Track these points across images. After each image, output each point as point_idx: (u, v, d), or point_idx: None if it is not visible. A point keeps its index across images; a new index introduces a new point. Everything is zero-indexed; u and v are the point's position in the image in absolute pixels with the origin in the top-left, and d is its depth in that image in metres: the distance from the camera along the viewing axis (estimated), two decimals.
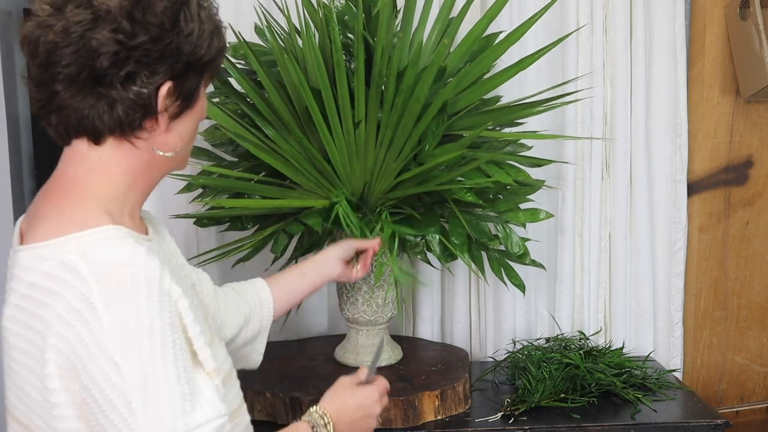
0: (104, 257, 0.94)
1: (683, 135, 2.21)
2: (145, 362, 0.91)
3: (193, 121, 1.09)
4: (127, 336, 0.91)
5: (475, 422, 1.76)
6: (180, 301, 0.98)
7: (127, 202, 1.05)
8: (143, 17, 0.97)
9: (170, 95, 1.02)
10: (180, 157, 1.10)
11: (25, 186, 2.45)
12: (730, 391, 2.32)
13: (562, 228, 2.16)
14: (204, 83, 1.08)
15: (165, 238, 1.21)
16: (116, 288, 0.92)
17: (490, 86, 1.77)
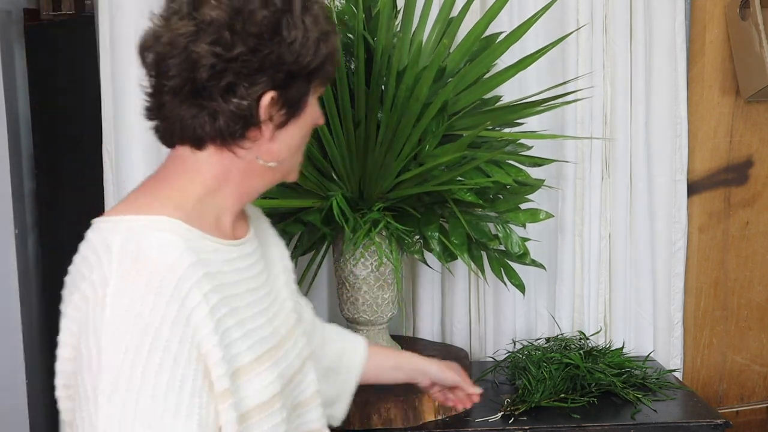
0: (138, 245, 0.93)
1: (683, 135, 2.21)
2: (127, 358, 0.88)
3: (301, 130, 1.06)
4: (121, 328, 0.89)
5: (475, 422, 1.76)
6: (200, 317, 0.93)
7: (214, 204, 1.03)
8: (243, 28, 0.96)
9: (273, 105, 1.00)
10: (286, 167, 1.08)
11: (25, 186, 2.45)
12: (730, 391, 2.32)
13: (562, 228, 2.16)
14: (313, 91, 1.05)
15: (270, 250, 1.19)
16: (133, 279, 0.91)
17: (490, 86, 1.77)
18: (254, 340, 1.02)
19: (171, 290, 0.91)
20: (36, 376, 2.46)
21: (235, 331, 0.99)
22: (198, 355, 0.92)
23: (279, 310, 1.14)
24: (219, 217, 1.05)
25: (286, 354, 1.10)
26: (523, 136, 1.84)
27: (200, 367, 0.92)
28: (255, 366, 1.01)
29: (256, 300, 1.07)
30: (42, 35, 2.42)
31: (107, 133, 2.11)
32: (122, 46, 2.08)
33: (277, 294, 1.16)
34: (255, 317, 1.05)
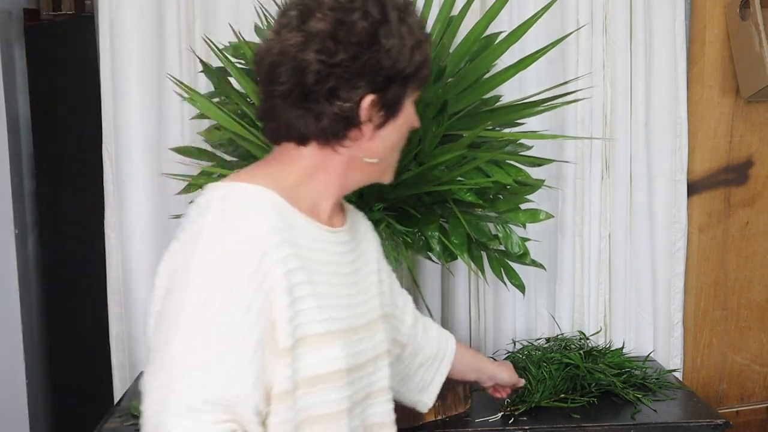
0: (232, 203, 1.05)
1: (683, 135, 2.21)
2: (208, 298, 0.98)
3: (398, 130, 1.16)
4: (206, 269, 1.00)
5: (475, 422, 1.76)
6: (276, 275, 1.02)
7: (312, 190, 1.14)
8: (345, 37, 1.07)
9: (373, 107, 1.10)
10: (384, 165, 1.18)
11: (25, 186, 2.45)
12: (730, 391, 2.32)
13: (562, 228, 2.16)
14: (409, 94, 1.14)
15: (367, 248, 1.28)
16: (223, 230, 1.02)
17: (490, 86, 1.76)
18: (328, 316, 1.10)
19: (253, 245, 1.02)
20: (36, 376, 2.46)
21: (310, 301, 1.07)
22: (269, 310, 1.02)
23: (364, 301, 1.22)
24: (316, 203, 1.15)
25: (360, 340, 1.17)
26: (523, 136, 1.84)
27: (269, 322, 1.01)
28: (324, 339, 1.08)
29: (341, 283, 1.16)
30: (42, 35, 2.42)
31: (107, 133, 2.11)
32: (122, 46, 2.09)
33: (366, 287, 1.24)
34: (335, 297, 1.13)
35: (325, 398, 1.08)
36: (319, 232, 1.14)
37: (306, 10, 1.09)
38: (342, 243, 1.19)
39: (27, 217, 2.46)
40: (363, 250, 1.27)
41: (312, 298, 1.08)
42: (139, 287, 2.15)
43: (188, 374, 0.96)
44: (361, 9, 1.08)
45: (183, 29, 2.07)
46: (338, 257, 1.18)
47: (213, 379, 0.96)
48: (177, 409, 0.94)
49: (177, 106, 2.06)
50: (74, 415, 2.49)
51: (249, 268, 1.01)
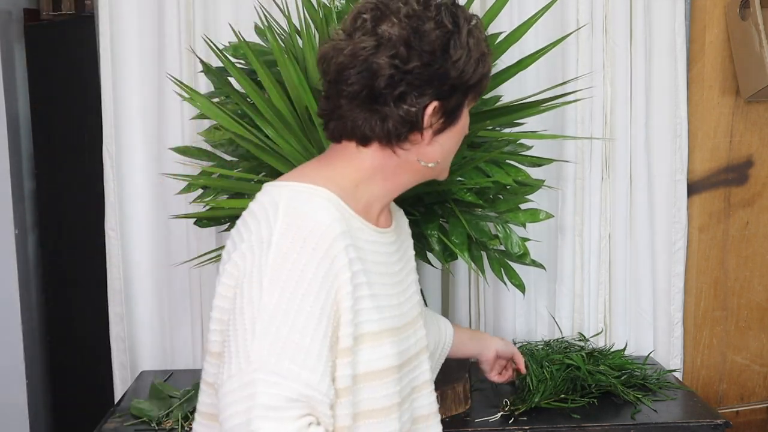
0: (302, 206, 1.08)
1: (683, 135, 2.21)
2: (283, 298, 1.02)
3: (454, 137, 1.20)
4: (281, 272, 1.03)
5: (475, 422, 1.76)
6: (344, 278, 1.07)
7: (367, 191, 1.18)
8: (419, 44, 1.11)
9: (435, 113, 1.14)
10: (440, 168, 1.22)
11: (25, 186, 2.45)
12: (730, 391, 2.32)
13: (562, 228, 2.16)
14: (468, 103, 1.19)
15: (407, 246, 1.35)
16: (294, 233, 1.05)
17: (490, 86, 1.76)
18: (382, 315, 1.15)
19: (326, 248, 1.06)
20: (36, 376, 2.46)
21: (368, 301, 1.12)
22: (336, 311, 1.06)
23: (407, 299, 1.27)
24: (370, 204, 1.19)
25: (407, 337, 1.23)
26: (523, 136, 1.84)
27: (336, 321, 1.06)
28: (378, 337, 1.13)
29: (390, 283, 1.21)
30: (42, 35, 2.42)
31: (107, 133, 2.11)
32: (122, 46, 2.09)
33: (408, 285, 1.30)
34: (387, 297, 1.18)
35: (378, 393, 1.12)
36: (371, 232, 1.19)
37: (381, 15, 1.12)
38: (390, 243, 1.24)
39: (27, 217, 2.46)
40: (405, 249, 1.34)
41: (370, 298, 1.12)
42: (139, 287, 2.15)
43: (270, 375, 0.99)
44: (435, 18, 1.11)
45: (183, 29, 2.07)
46: (387, 257, 1.23)
47: (294, 378, 0.99)
48: (261, 411, 0.97)
49: (177, 106, 2.06)
50: (74, 415, 2.49)
51: (321, 271, 1.05)
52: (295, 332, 1.01)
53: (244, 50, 1.69)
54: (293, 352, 1.01)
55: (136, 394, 1.95)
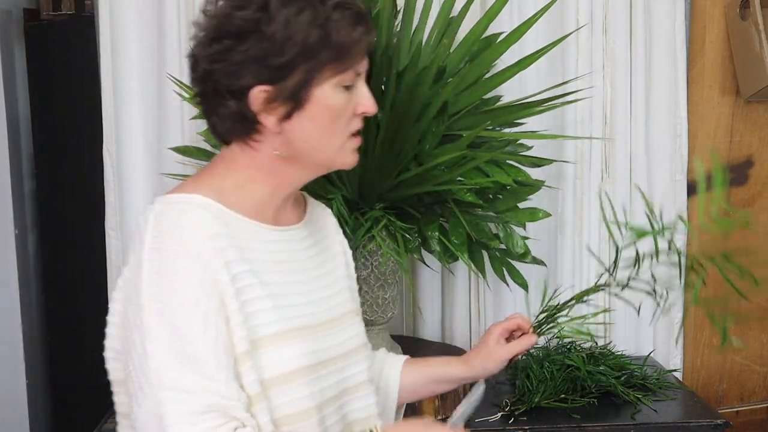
0: (170, 216, 1.04)
1: (683, 135, 2.21)
2: (165, 312, 0.98)
3: (311, 120, 1.08)
4: (156, 287, 0.99)
5: (475, 422, 1.76)
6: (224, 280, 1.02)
7: (252, 190, 1.12)
8: (222, 33, 1.05)
9: (270, 99, 1.05)
10: (315, 157, 1.12)
11: (25, 186, 2.45)
12: (730, 391, 2.32)
13: (562, 228, 2.16)
14: (321, 80, 1.06)
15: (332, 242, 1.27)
16: (164, 244, 1.01)
17: (490, 86, 1.77)
18: (283, 315, 1.08)
19: (196, 252, 1.01)
20: (36, 376, 2.45)
21: (263, 302, 1.07)
22: (224, 315, 1.02)
23: (330, 295, 1.20)
24: (262, 203, 1.13)
25: (326, 336, 1.15)
26: (523, 136, 1.84)
27: (224, 326, 1.01)
28: (280, 338, 1.07)
29: (298, 280, 1.15)
30: (42, 35, 2.41)
31: (107, 133, 2.11)
32: (122, 46, 2.09)
33: (333, 281, 1.23)
34: (292, 295, 1.12)
35: (290, 397, 1.07)
36: (267, 232, 1.13)
37: (204, 12, 1.09)
38: (297, 240, 1.18)
39: (27, 217, 2.46)
40: (328, 244, 1.26)
41: (265, 299, 1.07)
42: None
43: (173, 392, 0.96)
44: (239, 2, 1.04)
45: (183, 29, 2.07)
46: (292, 254, 1.16)
47: (199, 390, 0.97)
48: (175, 429, 0.95)
49: (177, 106, 2.06)
50: (74, 415, 2.49)
51: (195, 277, 1.00)
52: (185, 344, 0.98)
53: None
54: (190, 364, 0.97)
55: None
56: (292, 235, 1.18)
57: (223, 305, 1.02)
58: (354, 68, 1.08)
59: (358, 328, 1.24)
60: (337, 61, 1.05)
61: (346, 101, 1.09)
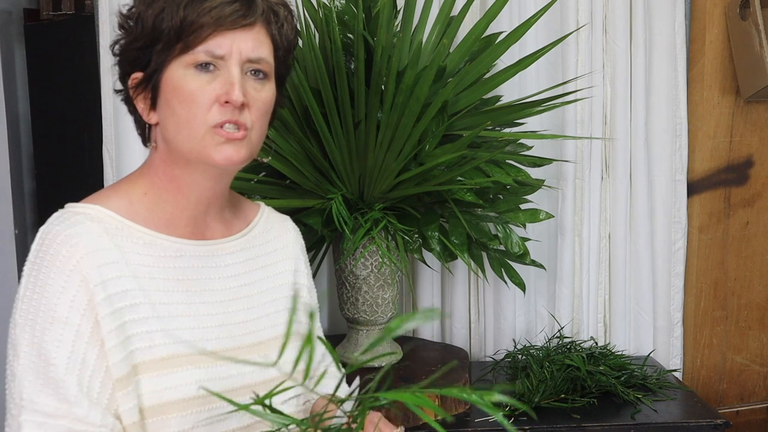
0: (53, 230, 0.99)
1: (683, 135, 2.21)
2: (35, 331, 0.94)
3: (167, 105, 1.02)
4: (29, 304, 0.96)
5: (474, 422, 1.76)
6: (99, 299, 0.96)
7: (159, 199, 1.07)
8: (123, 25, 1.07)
9: (139, 85, 1.05)
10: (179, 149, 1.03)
11: (25, 186, 2.45)
12: (730, 391, 2.32)
13: (561, 228, 2.16)
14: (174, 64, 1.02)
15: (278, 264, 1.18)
16: (41, 260, 0.97)
17: (490, 86, 1.77)
18: (173, 339, 1.01)
19: (70, 269, 0.96)
20: None
21: (149, 324, 1.00)
22: (99, 336, 0.96)
23: (255, 318, 1.12)
24: (169, 214, 1.07)
25: (231, 365, 1.05)
26: (523, 136, 1.84)
27: (99, 347, 0.96)
28: (165, 364, 0.99)
29: (203, 300, 1.06)
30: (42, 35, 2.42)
31: (107, 133, 2.11)
32: None
33: (264, 302, 1.14)
34: (189, 317, 1.04)
35: (170, 429, 0.99)
36: (172, 246, 1.05)
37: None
38: (221, 255, 1.11)
39: (27, 217, 2.46)
40: (270, 261, 1.18)
41: (151, 321, 1.00)
42: None
43: (34, 416, 0.93)
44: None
45: None
46: (206, 272, 1.08)
47: (60, 415, 0.93)
48: None
49: None
50: None
51: (67, 295, 0.95)
52: (50, 365, 0.93)
53: None
54: (54, 387, 0.93)
55: None
56: (212, 250, 1.10)
57: (98, 326, 0.96)
58: (204, 46, 1.00)
59: (294, 354, 1.08)
60: (180, 38, 1.01)
61: (202, 84, 1.01)
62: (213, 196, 1.10)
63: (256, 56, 1.03)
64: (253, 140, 1.05)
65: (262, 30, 1.05)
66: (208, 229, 1.11)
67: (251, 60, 1.03)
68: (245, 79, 1.03)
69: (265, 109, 1.07)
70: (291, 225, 1.27)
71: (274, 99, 1.09)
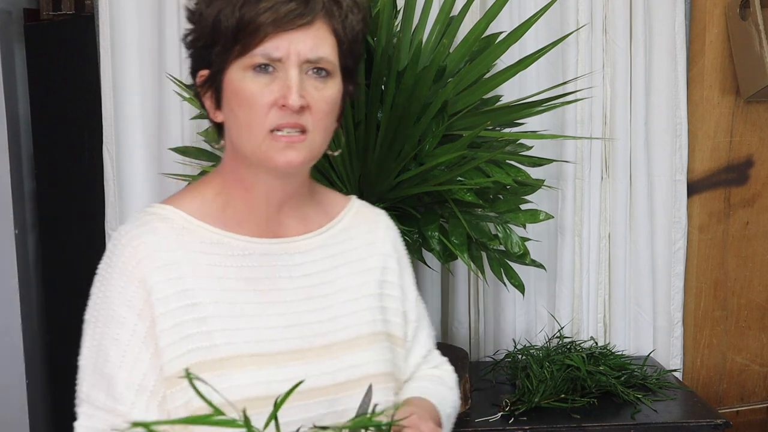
0: (126, 231, 1.03)
1: (683, 135, 2.21)
2: (97, 328, 0.99)
3: (228, 107, 1.02)
4: (93, 303, 1.02)
5: (475, 422, 1.76)
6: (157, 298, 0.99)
7: (230, 199, 1.06)
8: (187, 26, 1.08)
9: (205, 83, 1.04)
10: (243, 150, 1.02)
11: (25, 186, 2.45)
12: (730, 391, 2.32)
13: (561, 228, 2.16)
14: (233, 66, 1.00)
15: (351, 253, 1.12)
16: (107, 261, 1.02)
17: (490, 86, 1.76)
18: (236, 339, 0.99)
19: (131, 269, 0.99)
20: (36, 376, 2.45)
21: (213, 323, 0.99)
22: (154, 335, 0.98)
23: (332, 318, 1.07)
24: (241, 213, 1.06)
25: (301, 366, 1.01)
26: (523, 136, 1.84)
27: (154, 346, 0.98)
28: (224, 365, 0.98)
29: (273, 300, 1.03)
30: (42, 35, 2.41)
31: (107, 133, 2.11)
32: (122, 46, 2.09)
33: (345, 300, 1.09)
34: (256, 317, 1.01)
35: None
36: (242, 245, 1.04)
37: None
38: (298, 252, 1.07)
39: (27, 217, 2.46)
40: (353, 258, 1.13)
41: (213, 320, 0.99)
42: None
43: (87, 408, 0.99)
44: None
45: (183, 29, 2.07)
46: (276, 270, 1.05)
47: (107, 409, 0.97)
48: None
49: (177, 106, 2.06)
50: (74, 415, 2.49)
51: (126, 295, 0.98)
52: (105, 362, 0.98)
53: None
54: (105, 383, 0.97)
55: None
56: (285, 248, 1.07)
57: (154, 325, 0.97)
58: (261, 48, 0.98)
59: (373, 355, 1.07)
60: (237, 40, 0.98)
61: (260, 87, 0.98)
62: (284, 195, 1.08)
63: (315, 56, 0.99)
64: (314, 141, 1.01)
65: (322, 26, 1.01)
66: (282, 227, 1.08)
67: (310, 60, 0.99)
68: (306, 80, 0.99)
69: (329, 108, 1.02)
70: (384, 221, 1.21)
71: (339, 95, 1.05)
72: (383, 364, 1.08)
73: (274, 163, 1.00)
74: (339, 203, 1.18)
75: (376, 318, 1.10)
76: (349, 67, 1.07)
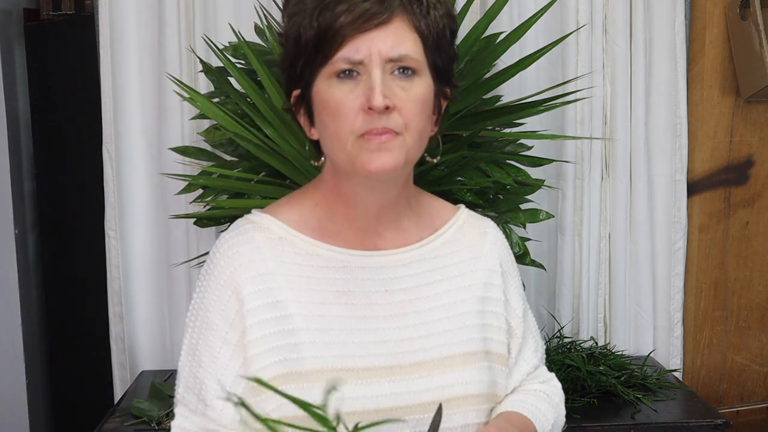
0: (226, 239, 1.05)
1: (683, 135, 2.21)
2: (193, 334, 1.02)
3: (319, 119, 1.00)
4: (194, 306, 1.04)
5: None
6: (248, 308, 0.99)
7: (328, 210, 1.05)
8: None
9: (298, 101, 1.03)
10: (335, 161, 1.01)
11: (25, 186, 2.45)
12: (730, 391, 2.32)
13: (561, 228, 2.16)
14: (319, 77, 0.98)
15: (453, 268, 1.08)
16: (205, 269, 1.05)
17: (490, 86, 1.76)
18: (322, 353, 0.98)
19: (226, 278, 1.01)
20: (36, 376, 2.46)
21: (301, 336, 0.98)
22: (244, 344, 0.99)
23: (426, 335, 1.03)
24: (341, 225, 1.05)
25: (388, 383, 0.98)
26: (523, 136, 1.84)
27: (243, 355, 0.99)
28: (314, 377, 0.96)
29: (364, 315, 1.01)
30: (42, 35, 2.42)
31: (107, 133, 2.11)
32: (122, 46, 2.09)
33: (441, 318, 1.05)
34: (345, 332, 1.00)
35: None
36: (337, 257, 1.02)
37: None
38: (391, 267, 1.04)
39: (27, 217, 2.46)
40: (454, 274, 1.08)
41: (301, 332, 0.98)
42: (138, 287, 2.15)
43: (182, 409, 1.03)
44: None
45: (183, 29, 2.07)
46: (371, 284, 1.02)
47: (199, 412, 1.00)
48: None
49: (177, 106, 2.06)
50: (74, 415, 2.49)
51: (220, 303, 1.00)
52: (199, 366, 1.01)
53: (244, 50, 1.69)
54: (198, 388, 1.00)
55: (136, 394, 1.95)
56: (382, 262, 1.04)
57: (245, 335, 0.98)
58: (341, 53, 0.95)
59: (467, 376, 1.03)
60: (318, 49, 0.97)
61: (346, 93, 0.96)
62: (383, 207, 1.05)
63: (397, 54, 0.96)
64: (408, 143, 0.99)
65: (402, 23, 0.98)
66: (381, 239, 1.06)
67: (393, 59, 0.96)
68: (391, 80, 0.96)
69: (419, 108, 0.99)
70: (492, 233, 1.16)
71: (430, 94, 1.02)
72: (476, 386, 1.05)
73: (366, 170, 0.97)
74: (445, 214, 1.14)
75: (473, 337, 1.06)
76: (440, 65, 1.04)
